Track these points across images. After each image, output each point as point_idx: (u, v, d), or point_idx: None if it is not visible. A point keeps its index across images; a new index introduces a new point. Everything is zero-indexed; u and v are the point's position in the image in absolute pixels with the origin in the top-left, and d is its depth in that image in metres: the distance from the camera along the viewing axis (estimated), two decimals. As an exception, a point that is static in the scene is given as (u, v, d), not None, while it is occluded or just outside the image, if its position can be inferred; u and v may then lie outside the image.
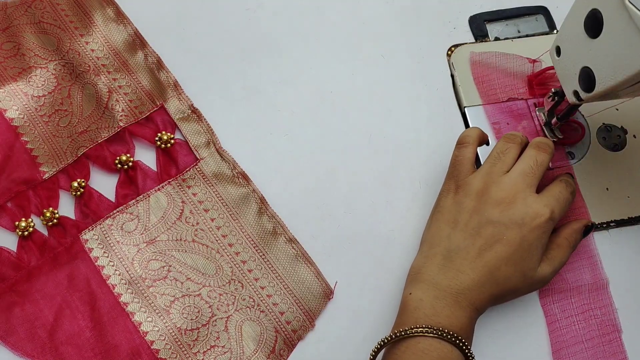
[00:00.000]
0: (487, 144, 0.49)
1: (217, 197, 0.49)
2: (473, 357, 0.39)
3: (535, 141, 0.44)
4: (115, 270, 0.46)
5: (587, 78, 0.40)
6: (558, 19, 0.55)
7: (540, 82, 0.52)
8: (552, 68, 0.51)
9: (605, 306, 0.46)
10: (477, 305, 0.40)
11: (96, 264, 0.46)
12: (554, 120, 0.49)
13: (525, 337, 0.45)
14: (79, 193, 0.48)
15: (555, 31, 0.55)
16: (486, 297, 0.40)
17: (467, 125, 0.52)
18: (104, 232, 0.47)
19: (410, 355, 0.38)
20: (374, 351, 0.40)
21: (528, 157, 0.43)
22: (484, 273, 0.40)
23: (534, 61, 0.53)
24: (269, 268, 0.47)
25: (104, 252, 0.47)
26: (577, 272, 0.47)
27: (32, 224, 0.47)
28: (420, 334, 0.38)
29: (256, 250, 0.47)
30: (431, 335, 0.38)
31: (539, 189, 0.43)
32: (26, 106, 0.50)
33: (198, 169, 0.49)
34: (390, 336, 0.39)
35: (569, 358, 0.45)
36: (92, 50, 0.53)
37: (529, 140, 0.46)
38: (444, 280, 0.40)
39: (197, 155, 0.50)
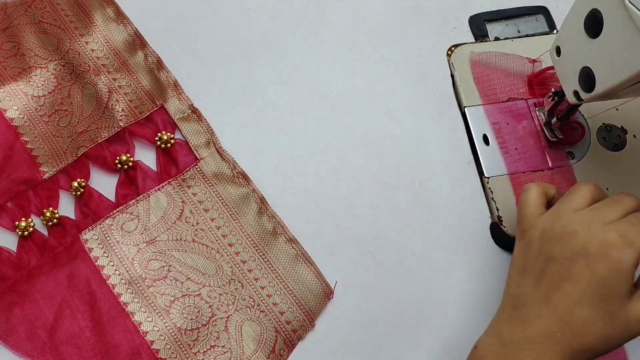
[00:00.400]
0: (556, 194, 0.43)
1: (217, 197, 0.49)
2: None
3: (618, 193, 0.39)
4: (115, 270, 0.46)
5: (587, 78, 0.40)
6: (558, 19, 0.55)
7: (540, 82, 0.52)
8: (552, 68, 0.51)
9: None
10: None
11: (96, 264, 0.46)
12: (554, 120, 0.49)
13: None
14: (79, 193, 0.48)
15: (555, 31, 0.55)
16: (558, 352, 0.34)
17: (467, 125, 0.52)
18: (104, 232, 0.47)
19: None
20: None
21: (604, 198, 0.38)
22: (553, 320, 0.35)
23: (534, 61, 0.53)
24: (269, 268, 0.47)
25: (104, 252, 0.47)
26: None
27: (32, 224, 0.47)
28: None
29: (256, 250, 0.47)
30: None
31: None
32: (26, 106, 0.50)
33: (198, 169, 0.49)
34: None
35: None
36: (92, 50, 0.53)
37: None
38: (508, 333, 0.36)
39: (197, 155, 0.50)
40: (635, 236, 0.34)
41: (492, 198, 0.49)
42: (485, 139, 0.51)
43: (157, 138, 0.50)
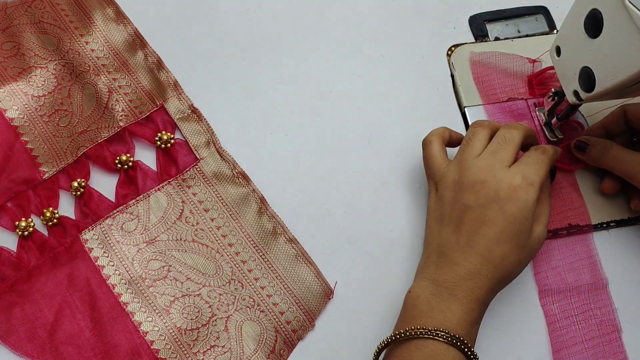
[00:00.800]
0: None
1: (217, 197, 0.49)
2: (472, 354, 0.38)
3: (504, 124, 0.44)
4: (115, 270, 0.46)
5: (587, 78, 0.40)
6: (558, 19, 0.55)
7: (540, 82, 0.52)
8: (552, 68, 0.51)
9: (605, 306, 0.46)
10: (476, 295, 0.39)
11: (96, 263, 0.46)
12: (554, 120, 0.49)
13: (526, 337, 0.45)
14: (79, 193, 0.48)
15: (555, 31, 0.55)
16: (485, 284, 0.39)
17: (467, 125, 0.52)
18: (104, 232, 0.47)
19: (405, 353, 0.38)
20: (374, 355, 0.40)
21: (496, 136, 0.43)
22: (477, 260, 0.39)
23: (534, 61, 0.53)
24: (269, 268, 0.47)
25: (104, 252, 0.47)
26: (576, 272, 0.47)
27: (32, 224, 0.47)
28: (416, 336, 0.38)
29: (256, 250, 0.47)
30: (425, 336, 0.38)
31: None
32: (26, 106, 0.50)
33: (198, 169, 0.49)
34: (389, 339, 0.39)
35: (569, 358, 0.45)
36: (92, 50, 0.53)
37: (500, 126, 0.45)
38: (439, 276, 0.40)
39: (197, 155, 0.50)
40: (533, 176, 0.41)
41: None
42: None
43: (157, 138, 0.50)
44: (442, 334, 0.37)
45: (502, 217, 0.40)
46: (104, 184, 0.49)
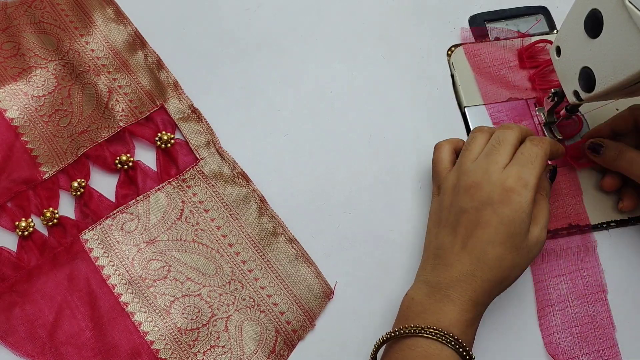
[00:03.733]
0: None
1: (217, 197, 0.49)
2: (466, 353, 0.38)
3: (500, 125, 0.44)
4: (115, 270, 0.46)
5: (587, 78, 0.40)
6: (558, 19, 0.55)
7: (530, 55, 0.53)
8: (541, 41, 0.52)
9: (592, 267, 0.47)
10: (470, 296, 0.39)
11: (96, 264, 0.46)
12: (562, 111, 0.48)
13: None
14: (79, 193, 0.48)
15: (555, 31, 0.55)
16: (479, 286, 0.39)
17: (467, 125, 0.52)
18: (104, 232, 0.47)
19: (398, 353, 0.38)
20: (371, 355, 0.41)
21: (492, 138, 0.43)
22: (470, 261, 0.39)
23: (524, 35, 0.53)
24: (269, 268, 0.47)
25: (104, 252, 0.47)
26: (569, 237, 0.48)
27: (32, 224, 0.47)
28: (408, 334, 0.38)
29: (256, 250, 0.47)
30: (418, 334, 0.38)
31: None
32: (26, 106, 0.50)
33: (198, 169, 0.49)
34: (380, 340, 0.40)
35: (553, 315, 0.45)
36: (92, 50, 0.53)
37: None
38: (434, 278, 0.40)
39: (197, 155, 0.50)
40: (527, 176, 0.40)
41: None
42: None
43: (157, 138, 0.50)
44: (435, 332, 0.38)
45: (496, 219, 0.39)
46: (104, 184, 0.49)
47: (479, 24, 0.55)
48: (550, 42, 0.52)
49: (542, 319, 0.45)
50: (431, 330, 0.38)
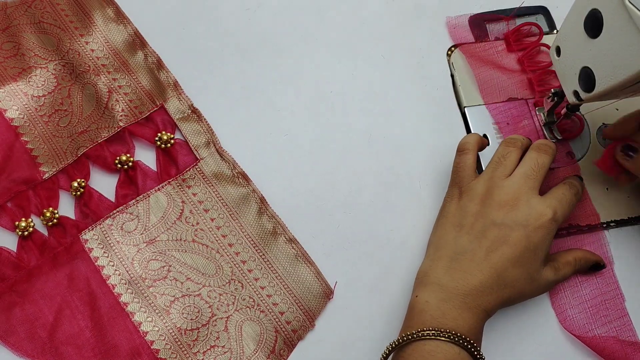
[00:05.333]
0: (488, 144, 0.49)
1: (217, 197, 0.49)
2: (483, 358, 0.39)
3: (536, 144, 0.45)
4: (115, 270, 0.46)
5: (587, 78, 0.40)
6: (558, 19, 0.55)
7: (517, 38, 0.53)
8: (526, 24, 0.54)
9: (597, 240, 0.48)
10: (485, 307, 0.40)
11: (96, 264, 0.46)
12: (563, 110, 0.48)
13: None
14: (79, 193, 0.48)
15: (555, 31, 0.55)
16: (494, 299, 0.40)
17: (467, 125, 0.52)
18: (104, 232, 0.47)
19: (417, 357, 0.38)
20: (382, 357, 0.40)
21: (529, 159, 0.44)
22: (491, 274, 0.40)
23: (509, 18, 0.54)
24: (269, 268, 0.47)
25: (104, 252, 0.47)
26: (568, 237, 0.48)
27: (32, 224, 0.47)
28: (427, 337, 0.38)
29: (256, 250, 0.47)
30: (438, 337, 0.38)
31: (543, 191, 0.43)
32: (26, 106, 0.50)
33: (198, 169, 0.49)
34: (398, 340, 0.39)
35: (564, 292, 0.46)
36: (92, 50, 0.53)
37: (530, 142, 0.46)
38: (450, 282, 0.40)
39: (197, 155, 0.50)
40: (561, 214, 0.42)
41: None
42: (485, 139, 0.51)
43: (157, 138, 0.50)
44: (457, 337, 0.38)
45: (525, 242, 0.41)
46: (104, 184, 0.49)
47: (479, 24, 0.55)
48: (536, 25, 0.53)
49: (553, 297, 0.46)
50: (452, 334, 0.38)
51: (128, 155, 0.49)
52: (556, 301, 0.46)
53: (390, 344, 0.40)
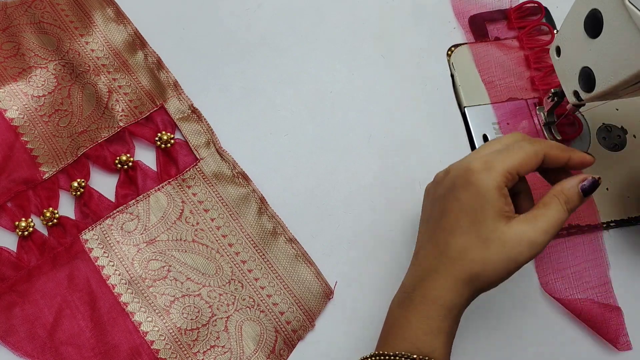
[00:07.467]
0: None
1: (217, 197, 0.49)
2: None
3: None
4: (115, 270, 0.46)
5: (587, 78, 0.40)
6: (558, 19, 0.55)
7: (518, 16, 0.54)
8: (529, 2, 0.54)
9: (588, 207, 0.48)
10: (434, 297, 0.34)
11: (96, 264, 0.46)
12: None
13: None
14: (79, 193, 0.48)
15: (555, 31, 0.55)
16: (443, 284, 0.35)
17: (467, 125, 0.52)
18: (104, 232, 0.47)
19: None
20: None
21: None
22: (434, 255, 0.36)
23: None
24: (269, 268, 0.47)
25: (104, 252, 0.47)
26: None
27: (32, 224, 0.47)
28: (373, 357, 0.35)
29: (256, 250, 0.47)
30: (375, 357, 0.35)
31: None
32: (26, 106, 0.50)
33: (198, 169, 0.49)
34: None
35: (549, 257, 0.46)
36: (92, 50, 0.53)
37: None
38: (406, 279, 0.38)
39: (197, 155, 0.50)
40: (496, 161, 0.35)
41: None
42: (485, 139, 0.51)
43: (157, 138, 0.50)
44: (390, 357, 0.34)
45: (457, 205, 0.35)
46: (104, 184, 0.49)
47: (479, 24, 0.55)
48: (538, 3, 0.54)
49: (537, 261, 0.47)
50: (389, 356, 0.34)
51: (128, 155, 0.49)
52: (540, 265, 0.46)
53: None
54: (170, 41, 0.54)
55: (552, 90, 0.48)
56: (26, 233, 0.47)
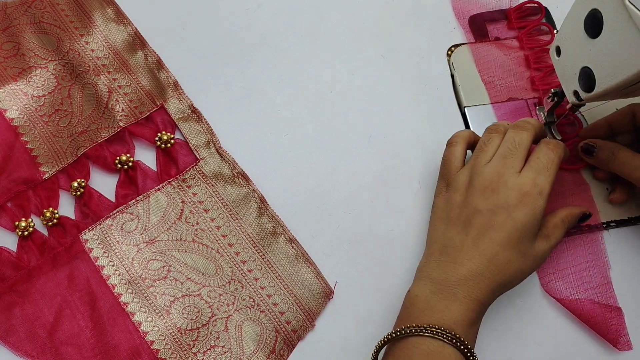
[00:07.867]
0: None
1: (217, 197, 0.49)
2: (469, 351, 0.38)
3: (513, 123, 0.44)
4: (115, 270, 0.46)
5: (587, 78, 0.40)
6: (558, 19, 0.55)
7: (518, 16, 0.54)
8: (529, 2, 0.54)
9: (587, 204, 0.48)
10: (477, 296, 0.39)
11: (96, 264, 0.46)
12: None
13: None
14: (79, 193, 0.48)
15: (555, 31, 0.55)
16: (487, 286, 0.40)
17: (467, 125, 0.52)
18: (104, 232, 0.47)
19: (402, 354, 0.38)
20: (372, 357, 0.40)
21: (506, 140, 0.43)
22: (481, 262, 0.40)
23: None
24: (269, 268, 0.47)
25: (104, 252, 0.47)
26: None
27: (32, 224, 0.47)
28: (411, 334, 0.38)
29: (256, 250, 0.47)
30: (420, 333, 0.38)
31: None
32: (26, 106, 0.50)
33: (198, 169, 0.49)
34: (385, 338, 0.39)
35: (550, 258, 0.47)
36: (92, 50, 0.53)
37: None
38: (440, 275, 0.40)
39: (197, 155, 0.50)
40: (542, 183, 0.41)
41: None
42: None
43: (157, 138, 0.50)
44: (439, 331, 0.38)
45: (510, 223, 0.40)
46: (104, 184, 0.49)
47: (479, 24, 0.55)
48: (539, 3, 0.54)
49: None
50: (433, 329, 0.38)
51: (128, 155, 0.49)
52: (542, 265, 0.46)
53: (379, 342, 0.40)
54: (170, 41, 0.54)
55: (552, 90, 0.48)
56: (26, 233, 0.47)
